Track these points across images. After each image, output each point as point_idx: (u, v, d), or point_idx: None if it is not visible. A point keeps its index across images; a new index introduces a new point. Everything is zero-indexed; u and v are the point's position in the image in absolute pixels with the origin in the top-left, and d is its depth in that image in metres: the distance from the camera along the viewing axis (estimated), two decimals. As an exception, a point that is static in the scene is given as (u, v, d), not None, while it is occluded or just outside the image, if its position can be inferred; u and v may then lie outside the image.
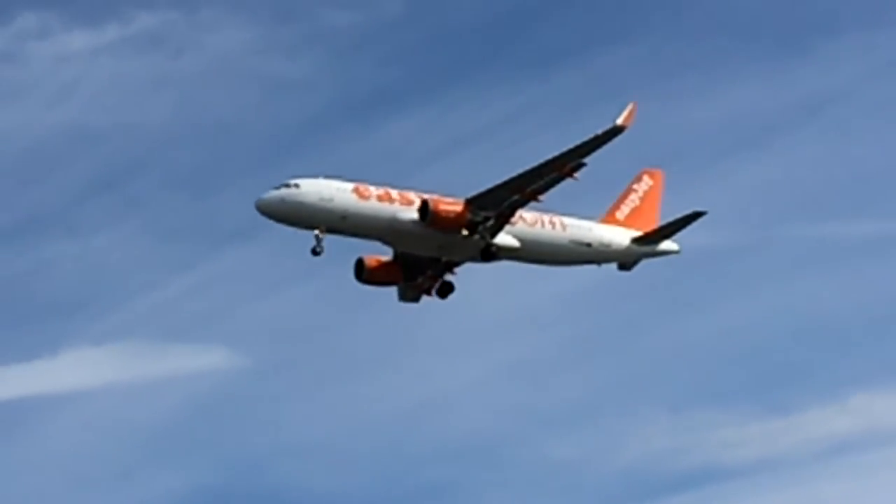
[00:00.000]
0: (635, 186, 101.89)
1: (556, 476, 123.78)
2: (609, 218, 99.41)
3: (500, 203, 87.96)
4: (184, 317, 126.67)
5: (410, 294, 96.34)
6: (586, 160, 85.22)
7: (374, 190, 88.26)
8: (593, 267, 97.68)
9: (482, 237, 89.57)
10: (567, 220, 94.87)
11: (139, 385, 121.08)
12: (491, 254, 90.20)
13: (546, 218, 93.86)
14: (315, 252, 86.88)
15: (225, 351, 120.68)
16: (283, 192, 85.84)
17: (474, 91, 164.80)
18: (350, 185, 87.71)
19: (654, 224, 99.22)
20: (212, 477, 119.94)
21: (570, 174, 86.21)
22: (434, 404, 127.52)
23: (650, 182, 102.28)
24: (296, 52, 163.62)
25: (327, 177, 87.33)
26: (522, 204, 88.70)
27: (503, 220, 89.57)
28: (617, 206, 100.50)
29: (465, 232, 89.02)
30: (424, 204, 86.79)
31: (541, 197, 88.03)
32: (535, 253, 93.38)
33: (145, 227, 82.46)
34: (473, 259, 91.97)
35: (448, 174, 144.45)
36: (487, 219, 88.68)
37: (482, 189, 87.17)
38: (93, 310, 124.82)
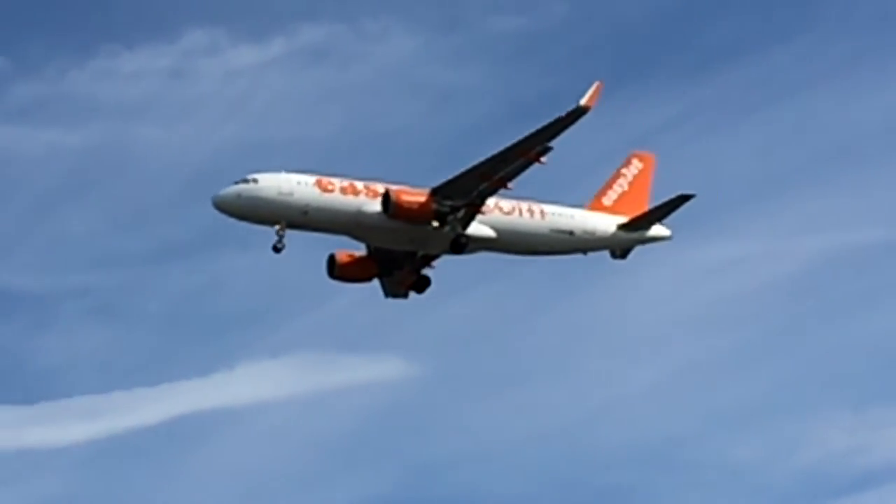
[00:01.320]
0: (624, 171, 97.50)
1: (737, 478, 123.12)
2: (595, 204, 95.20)
3: (467, 192, 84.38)
4: (357, 328, 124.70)
5: (395, 289, 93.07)
6: (552, 144, 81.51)
7: (337, 182, 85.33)
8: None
9: (452, 228, 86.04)
10: (547, 208, 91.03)
11: (316, 397, 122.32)
12: (461, 245, 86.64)
13: (524, 206, 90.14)
14: (276, 249, 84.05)
15: (399, 361, 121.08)
16: (241, 187, 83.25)
17: (639, 94, 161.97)
18: (312, 179, 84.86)
19: (643, 210, 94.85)
20: (390, 486, 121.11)
21: (536, 159, 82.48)
22: (610, 407, 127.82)
23: (640, 166, 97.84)
24: (461, 60, 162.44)
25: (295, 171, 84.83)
26: (491, 192, 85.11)
27: (474, 209, 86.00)
28: (604, 192, 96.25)
29: (434, 223, 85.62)
30: (386, 195, 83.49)
31: (509, 184, 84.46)
32: (512, 243, 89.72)
33: (317, 239, 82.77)
34: (447, 251, 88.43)
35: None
36: (456, 209, 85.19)
37: (448, 178, 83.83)
38: (268, 323, 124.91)
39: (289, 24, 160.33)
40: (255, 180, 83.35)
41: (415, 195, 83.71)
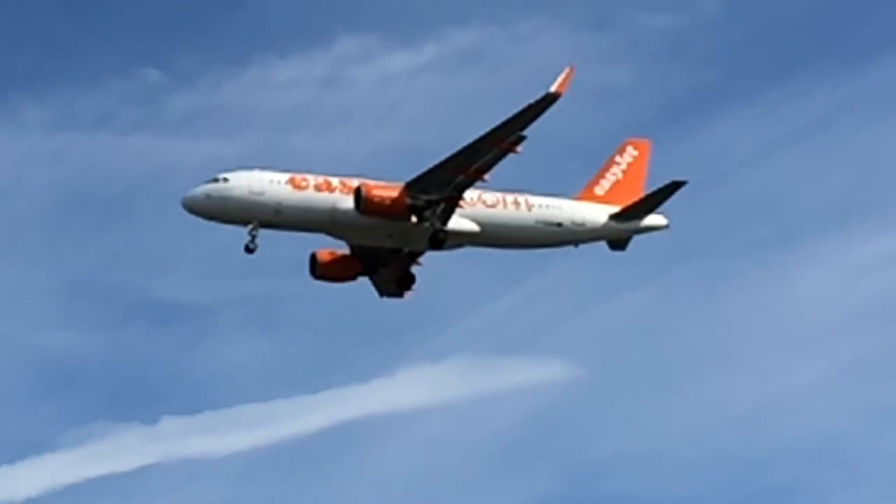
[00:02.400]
0: (618, 159, 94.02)
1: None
2: (586, 194, 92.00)
3: (443, 185, 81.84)
4: (516, 330, 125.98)
5: (388, 288, 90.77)
6: (525, 132, 78.64)
7: (311, 179, 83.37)
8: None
9: (431, 223, 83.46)
10: (534, 199, 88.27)
11: (477, 400, 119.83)
12: (439, 240, 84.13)
13: (510, 198, 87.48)
14: (248, 249, 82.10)
15: (560, 362, 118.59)
16: (210, 186, 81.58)
17: (795, 88, 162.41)
18: (285, 176, 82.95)
19: (638, 199, 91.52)
20: (554, 487, 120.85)
21: (511, 148, 79.68)
22: (773, 404, 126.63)
23: (634, 153, 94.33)
24: (615, 59, 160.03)
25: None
26: (468, 184, 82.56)
27: (452, 202, 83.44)
28: (596, 181, 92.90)
29: (413, 218, 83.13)
30: (357, 190, 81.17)
31: (485, 176, 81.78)
32: (497, 236, 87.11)
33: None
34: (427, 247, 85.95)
35: (772, 174, 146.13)
36: (433, 203, 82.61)
37: (421, 171, 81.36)
38: (427, 328, 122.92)
39: (440, 28, 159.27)
40: (225, 179, 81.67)
41: (387, 189, 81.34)
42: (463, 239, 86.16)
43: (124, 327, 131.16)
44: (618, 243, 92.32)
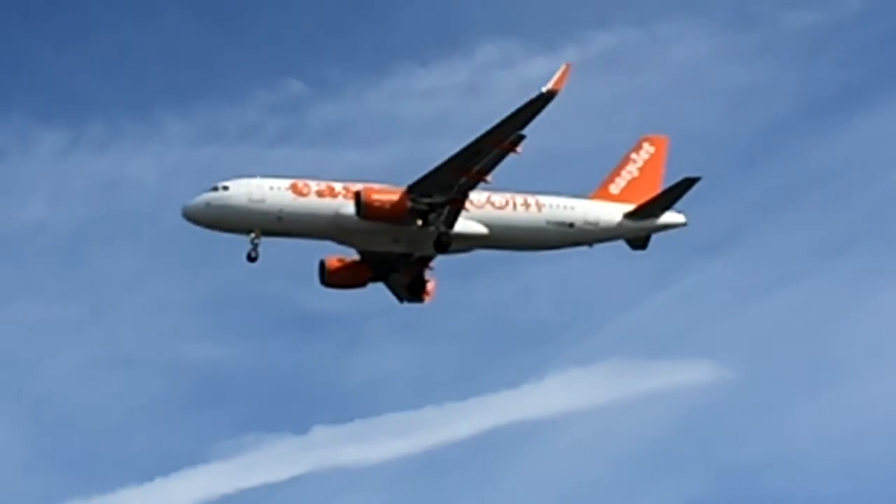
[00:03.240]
0: (634, 156, 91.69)
1: None
2: (601, 193, 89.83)
3: (446, 188, 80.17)
4: (665, 332, 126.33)
5: (404, 294, 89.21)
6: (524, 132, 76.75)
7: (314, 185, 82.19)
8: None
9: (436, 227, 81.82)
10: (544, 199, 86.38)
11: (627, 403, 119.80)
12: (443, 244, 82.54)
13: (519, 199, 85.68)
14: (250, 258, 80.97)
15: (709, 364, 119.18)
16: (210, 195, 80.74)
17: None
18: (287, 182, 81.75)
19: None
20: (706, 489, 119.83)
21: (510, 149, 77.85)
22: None
23: (651, 150, 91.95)
24: (757, 58, 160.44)
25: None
26: (471, 186, 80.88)
27: (457, 205, 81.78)
28: (611, 180, 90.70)
29: (418, 222, 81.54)
30: (357, 195, 79.68)
31: (487, 177, 79.92)
32: (507, 238, 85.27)
33: (617, 246, 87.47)
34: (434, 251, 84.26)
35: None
36: (436, 206, 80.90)
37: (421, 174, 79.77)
38: (575, 331, 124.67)
39: (580, 32, 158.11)
40: (225, 188, 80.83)
41: (387, 193, 79.83)
42: (472, 242, 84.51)
43: (274, 338, 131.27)
44: (637, 242, 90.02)
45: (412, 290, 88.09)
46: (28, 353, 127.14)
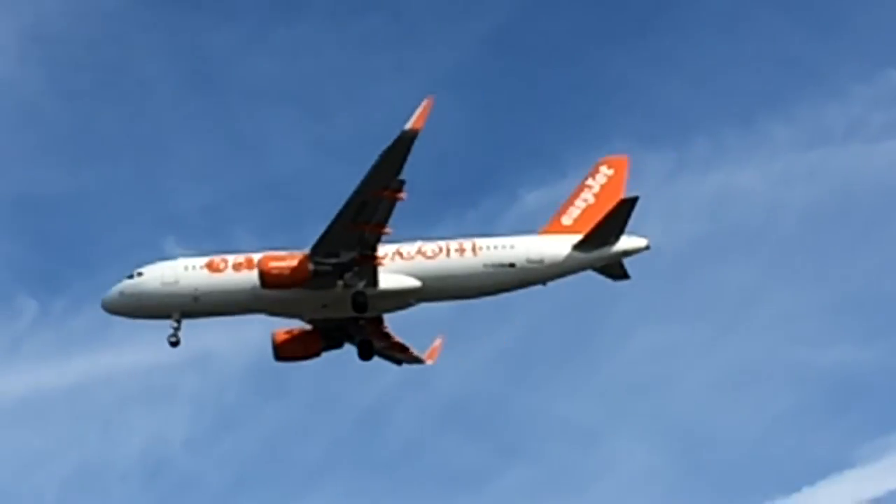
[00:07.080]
0: (590, 182, 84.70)
1: None
2: (552, 226, 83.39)
3: (348, 245, 76.35)
4: None
5: (361, 357, 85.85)
6: (402, 177, 72.43)
7: (231, 259, 79.90)
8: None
9: (352, 286, 78.17)
10: (482, 241, 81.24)
11: None
12: (360, 304, 78.39)
13: (453, 245, 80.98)
14: (172, 343, 79.19)
15: None
16: (123, 284, 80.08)
17: None
18: (203, 260, 79.82)
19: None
20: None
21: (394, 196, 73.45)
22: None
23: (609, 172, 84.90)
24: None
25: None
26: (375, 240, 76.56)
27: (370, 261, 77.71)
28: (563, 211, 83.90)
29: (339, 283, 78.23)
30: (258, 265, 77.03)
31: (386, 229, 75.72)
32: (443, 288, 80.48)
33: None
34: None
35: None
36: (344, 265, 77.20)
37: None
38: None
39: None
40: (139, 274, 79.67)
41: (285, 260, 76.66)
42: (406, 297, 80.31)
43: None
44: (614, 272, 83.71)
45: (362, 355, 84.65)
46: (659, 377, 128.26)
